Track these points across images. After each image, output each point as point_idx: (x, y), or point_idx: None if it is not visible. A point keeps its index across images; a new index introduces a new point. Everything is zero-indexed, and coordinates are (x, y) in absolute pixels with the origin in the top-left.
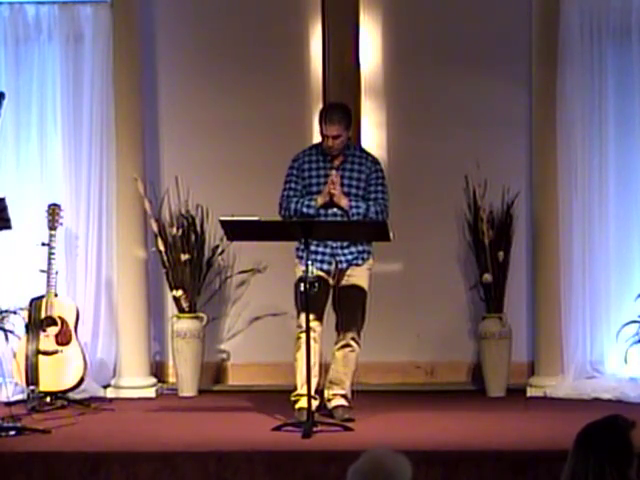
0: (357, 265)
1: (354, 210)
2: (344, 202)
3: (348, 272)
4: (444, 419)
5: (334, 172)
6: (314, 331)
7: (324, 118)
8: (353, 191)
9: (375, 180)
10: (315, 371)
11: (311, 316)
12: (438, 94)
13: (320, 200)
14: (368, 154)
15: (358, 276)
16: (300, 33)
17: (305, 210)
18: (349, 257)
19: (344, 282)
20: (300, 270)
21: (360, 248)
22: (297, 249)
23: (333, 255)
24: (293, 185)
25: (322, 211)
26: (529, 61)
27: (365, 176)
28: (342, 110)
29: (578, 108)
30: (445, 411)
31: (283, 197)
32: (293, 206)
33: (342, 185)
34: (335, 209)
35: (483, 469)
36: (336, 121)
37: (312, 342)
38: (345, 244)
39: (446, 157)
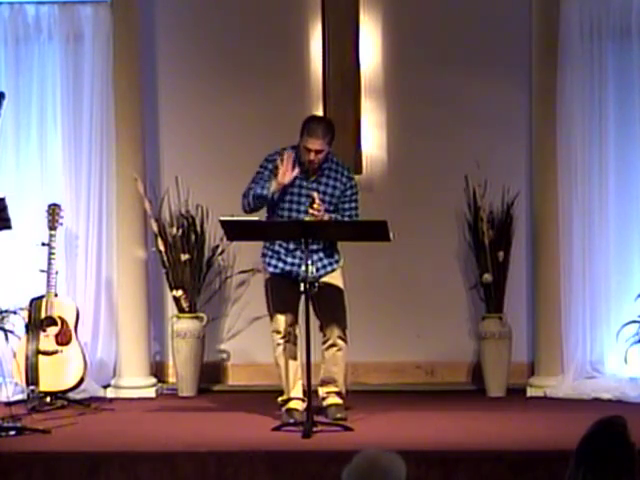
0: (331, 271)
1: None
2: (325, 218)
3: (322, 279)
4: (444, 419)
5: (316, 194)
6: (291, 334)
7: (308, 131)
8: (326, 205)
9: (350, 196)
10: (299, 374)
11: (288, 319)
12: (438, 94)
13: (274, 185)
14: (344, 167)
15: (334, 282)
16: (300, 33)
17: (259, 191)
18: (319, 265)
19: (322, 291)
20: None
21: (329, 252)
22: (264, 255)
23: (301, 265)
24: (261, 182)
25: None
26: (529, 61)
27: (339, 192)
28: (326, 125)
29: (578, 108)
30: (445, 411)
31: (248, 189)
32: (250, 194)
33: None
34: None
35: (483, 469)
36: (321, 135)
37: (291, 346)
38: (314, 251)
39: (446, 157)
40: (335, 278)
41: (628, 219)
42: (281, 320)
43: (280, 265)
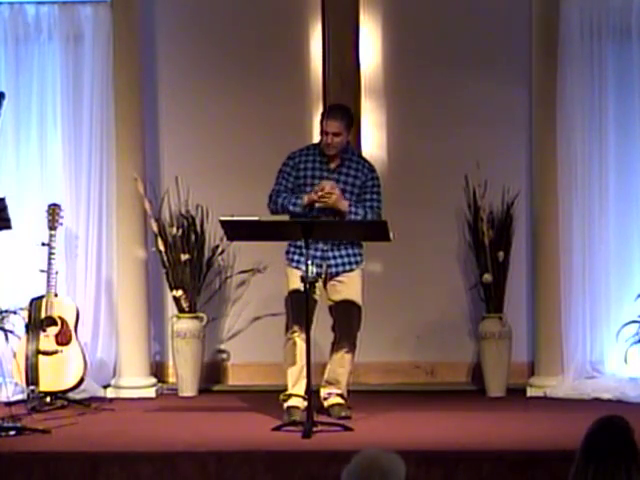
0: (349, 271)
1: (352, 216)
2: (343, 204)
3: (340, 277)
4: (444, 419)
5: (326, 182)
6: (304, 333)
7: (326, 115)
8: (347, 195)
9: (371, 188)
10: (304, 373)
11: (304, 323)
12: (438, 94)
13: (306, 199)
14: (365, 160)
15: (351, 284)
16: (300, 33)
17: (291, 208)
18: (339, 261)
19: (338, 290)
20: (294, 277)
21: (351, 251)
22: (287, 252)
23: (323, 259)
24: (284, 182)
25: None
26: (529, 61)
27: (360, 182)
28: (345, 110)
29: (578, 108)
30: (445, 411)
31: (273, 191)
32: (280, 201)
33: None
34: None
35: (483, 469)
36: (338, 118)
37: (302, 343)
38: (336, 246)
39: (446, 157)
40: (353, 278)
41: (628, 219)
42: (297, 325)
43: (303, 259)
